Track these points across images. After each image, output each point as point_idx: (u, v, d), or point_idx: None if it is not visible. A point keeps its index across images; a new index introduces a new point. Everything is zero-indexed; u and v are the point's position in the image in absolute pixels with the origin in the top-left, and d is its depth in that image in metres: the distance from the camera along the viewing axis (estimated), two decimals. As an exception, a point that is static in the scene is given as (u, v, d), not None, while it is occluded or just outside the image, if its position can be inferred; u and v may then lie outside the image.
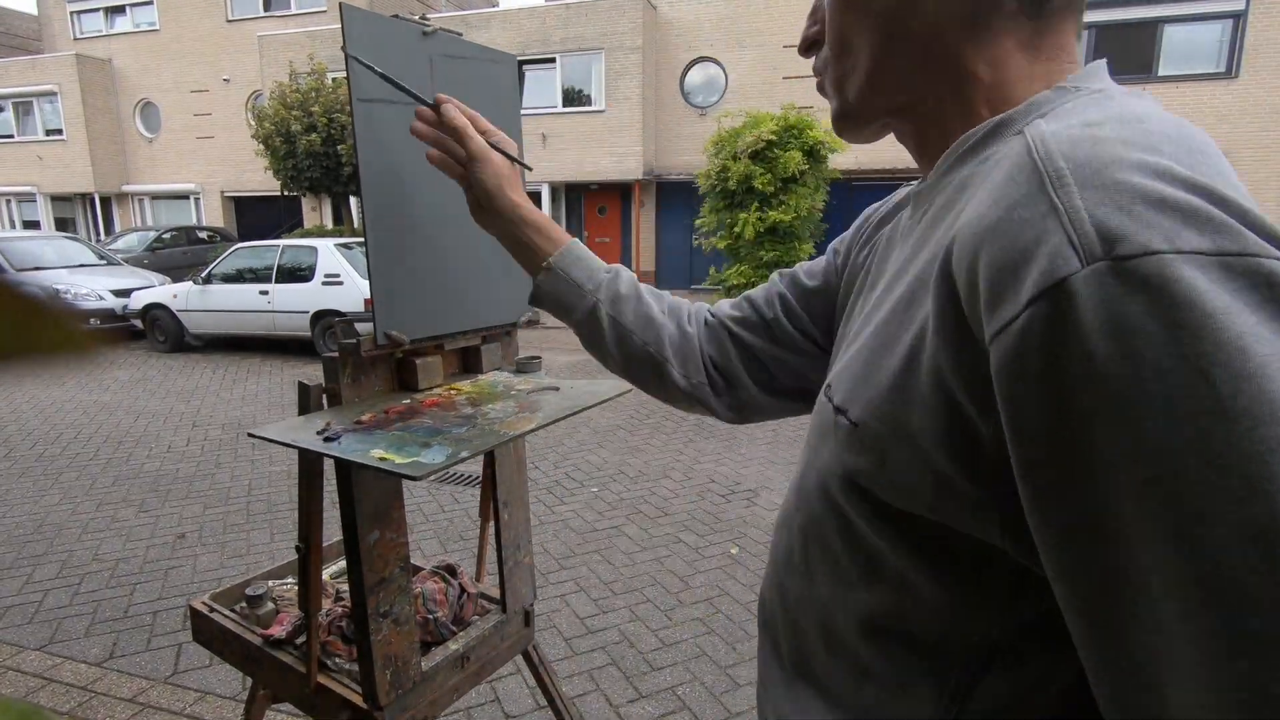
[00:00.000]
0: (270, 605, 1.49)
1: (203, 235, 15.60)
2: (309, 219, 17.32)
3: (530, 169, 0.92)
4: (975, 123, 0.47)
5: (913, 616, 0.46)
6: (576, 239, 0.83)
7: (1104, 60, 0.49)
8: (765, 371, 0.78)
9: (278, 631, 1.39)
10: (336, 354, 1.16)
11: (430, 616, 1.40)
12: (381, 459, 0.92)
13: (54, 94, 18.42)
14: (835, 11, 0.51)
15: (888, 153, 13.34)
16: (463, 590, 1.49)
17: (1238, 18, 11.16)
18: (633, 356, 0.79)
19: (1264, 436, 0.28)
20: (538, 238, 0.81)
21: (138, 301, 8.83)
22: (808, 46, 0.56)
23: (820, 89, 0.56)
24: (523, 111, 1.42)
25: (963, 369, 0.38)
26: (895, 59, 0.49)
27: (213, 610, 1.51)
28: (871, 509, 0.46)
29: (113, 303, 8.89)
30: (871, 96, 0.52)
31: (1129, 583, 0.32)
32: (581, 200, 15.51)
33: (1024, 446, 0.34)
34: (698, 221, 10.89)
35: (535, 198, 14.37)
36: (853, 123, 0.55)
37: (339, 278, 7.71)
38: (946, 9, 0.46)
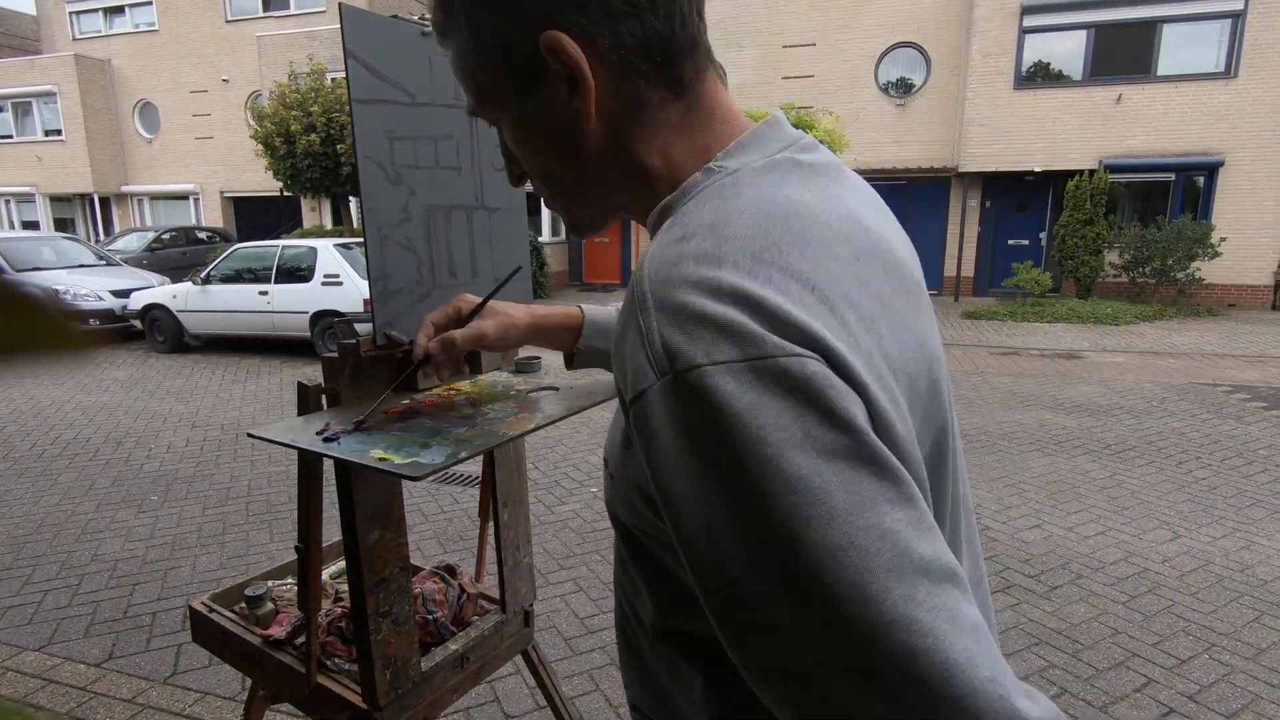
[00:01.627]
0: (270, 606, 1.49)
1: (202, 236, 15.59)
2: (308, 219, 17.31)
3: (485, 300, 0.96)
4: None
5: (692, 618, 0.53)
6: (580, 307, 0.94)
7: (776, 114, 0.55)
8: None
9: (277, 632, 1.39)
10: (336, 354, 1.16)
11: (430, 617, 1.40)
12: (381, 459, 0.92)
13: (53, 94, 18.39)
14: (526, 158, 0.57)
15: (888, 152, 13.36)
16: (462, 591, 1.49)
17: (1236, 17, 11.16)
18: None
19: (783, 504, 0.37)
20: (556, 338, 0.94)
21: (137, 302, 8.82)
22: (518, 180, 0.62)
23: (547, 205, 0.61)
24: (522, 111, 1.42)
25: (632, 437, 0.46)
26: (594, 180, 0.55)
27: (212, 611, 1.51)
28: (642, 537, 0.54)
29: (112, 303, 8.88)
30: (596, 211, 0.58)
31: (739, 615, 0.41)
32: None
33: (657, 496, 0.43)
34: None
35: (535, 197, 14.40)
36: (590, 231, 0.61)
37: (338, 278, 7.70)
38: (609, 124, 0.51)
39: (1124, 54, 11.77)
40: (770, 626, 0.39)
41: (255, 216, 18.50)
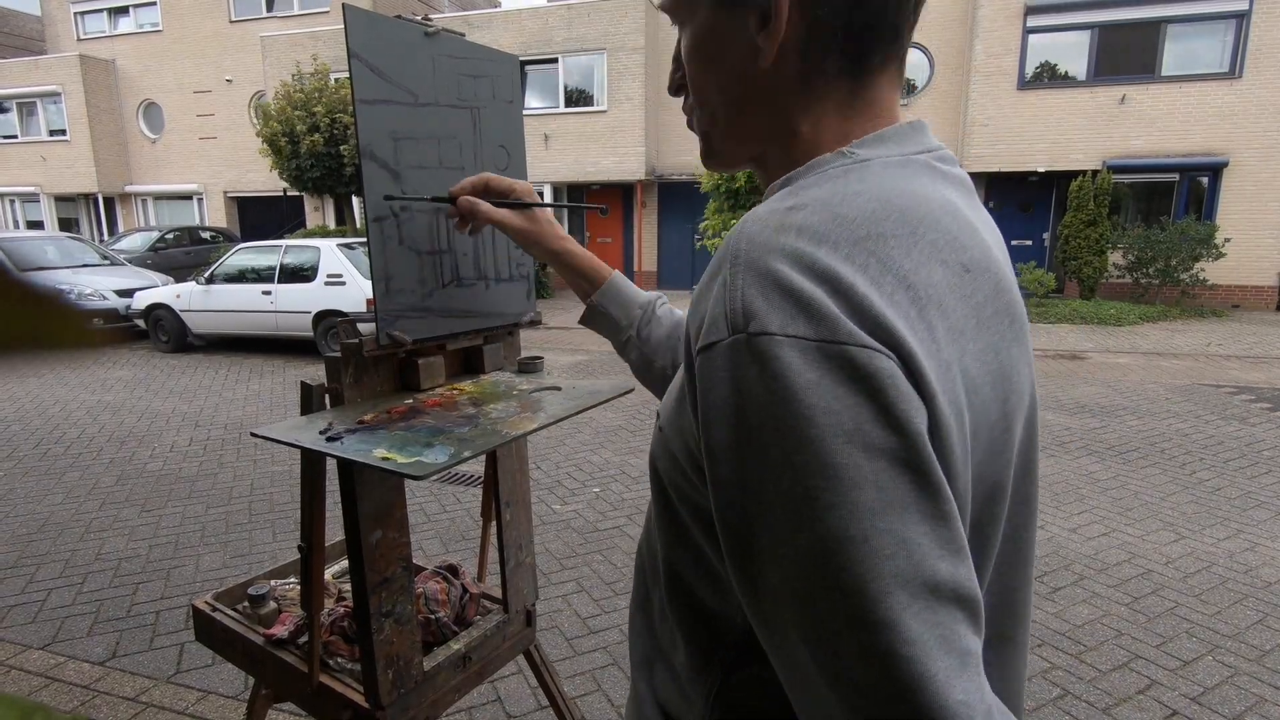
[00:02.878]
0: (273, 605, 1.49)
1: (205, 235, 15.62)
2: (311, 219, 17.34)
3: (544, 205, 0.98)
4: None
5: (700, 586, 0.55)
6: (617, 273, 0.96)
7: (919, 121, 0.54)
8: None
9: (280, 631, 1.39)
10: (339, 354, 1.16)
11: (432, 617, 1.40)
12: (384, 459, 0.92)
13: (58, 94, 18.45)
14: (691, 69, 0.57)
15: (890, 153, 13.33)
16: (465, 590, 1.49)
17: (1241, 18, 11.13)
18: (653, 375, 0.93)
19: (810, 485, 0.38)
20: (580, 280, 0.96)
21: (141, 301, 8.84)
22: (676, 89, 0.61)
23: (689, 126, 0.61)
24: (525, 112, 1.42)
25: (690, 386, 0.46)
26: (744, 117, 0.55)
27: (215, 610, 1.51)
28: (674, 493, 0.55)
29: (116, 302, 8.90)
30: (732, 147, 0.58)
31: (743, 561, 0.43)
32: (583, 200, 15.51)
33: (703, 443, 0.44)
34: (703, 225, 10.87)
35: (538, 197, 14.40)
36: (717, 164, 0.61)
37: (341, 278, 7.71)
38: (781, 73, 0.51)
39: (1128, 54, 11.74)
40: (771, 588, 0.41)
41: (259, 216, 18.53)
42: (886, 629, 0.37)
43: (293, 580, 1.63)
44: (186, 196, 19.23)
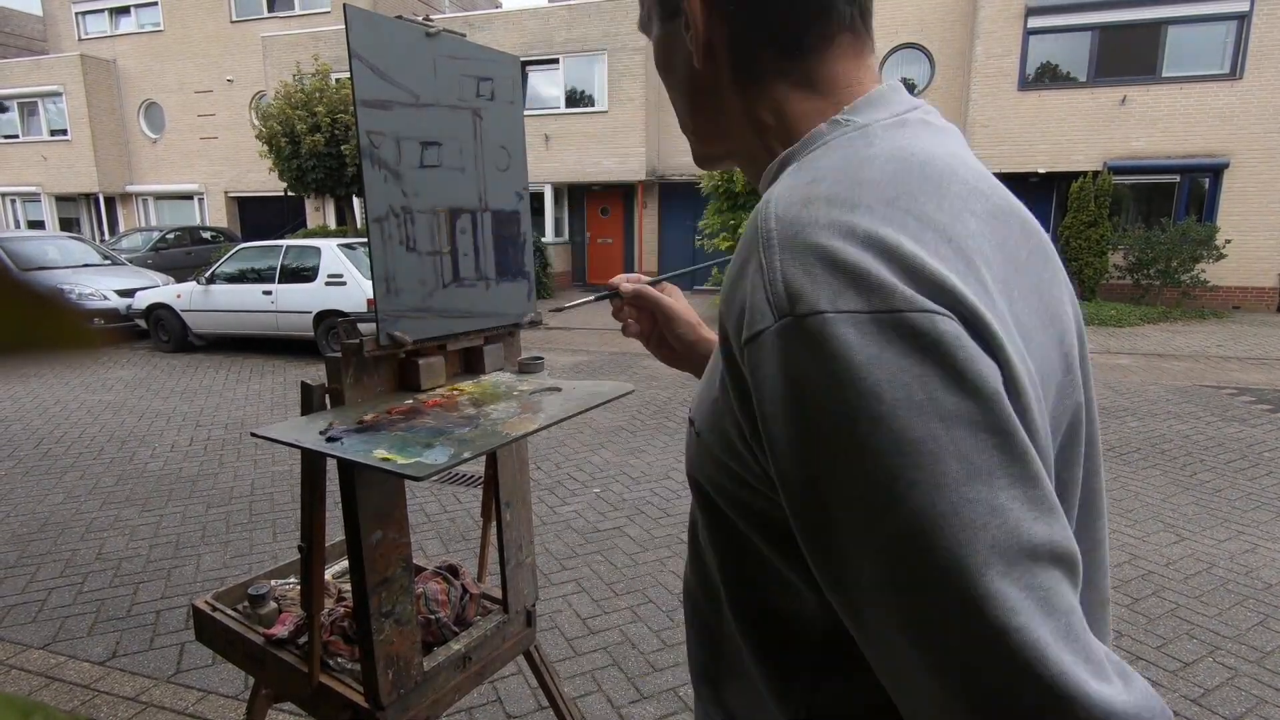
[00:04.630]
0: (273, 605, 1.49)
1: (206, 235, 15.63)
2: (312, 219, 17.34)
3: (663, 282, 0.93)
4: (773, 159, 0.54)
5: (770, 594, 0.51)
6: None
7: (895, 83, 0.54)
8: None
9: (280, 631, 1.39)
10: (339, 354, 1.16)
11: (433, 617, 1.40)
12: (384, 459, 0.92)
13: (59, 94, 18.46)
14: (662, 81, 0.61)
15: (891, 154, 13.34)
16: (465, 591, 1.49)
17: (1242, 19, 11.12)
18: None
19: (888, 465, 0.36)
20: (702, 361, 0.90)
21: (141, 301, 8.84)
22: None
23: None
24: (526, 112, 1.42)
25: (733, 383, 0.45)
26: (701, 117, 0.58)
27: (215, 610, 1.51)
28: (723, 501, 0.52)
29: (117, 302, 8.91)
30: (702, 147, 0.61)
31: (827, 559, 0.41)
32: (584, 201, 15.52)
33: (766, 440, 0.42)
34: (702, 224, 10.86)
35: (538, 198, 14.40)
36: (701, 163, 0.64)
37: (342, 278, 7.72)
38: (718, 70, 0.54)
39: (1129, 55, 11.74)
40: (862, 582, 0.38)
41: (259, 216, 18.54)
42: (991, 602, 0.35)
43: (293, 580, 1.63)
44: (187, 196, 19.24)
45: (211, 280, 8.44)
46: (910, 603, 0.37)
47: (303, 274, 7.97)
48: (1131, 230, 11.61)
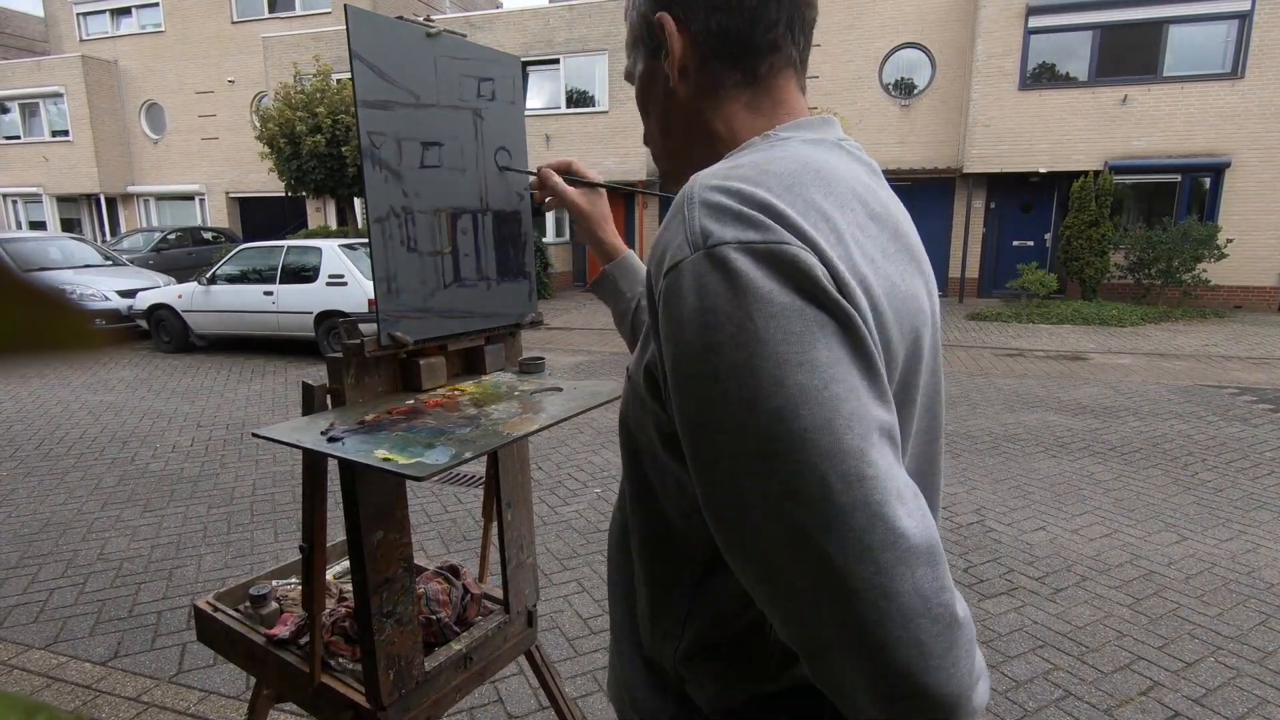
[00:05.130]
0: (274, 605, 1.49)
1: (207, 236, 15.64)
2: (313, 220, 17.35)
3: (610, 186, 1.15)
4: None
5: (667, 508, 0.63)
6: (632, 252, 1.12)
7: (829, 116, 0.68)
8: None
9: (281, 631, 1.39)
10: (340, 354, 1.16)
11: (434, 617, 1.40)
12: (385, 459, 0.92)
13: (60, 95, 18.48)
14: (642, 112, 0.74)
15: (892, 153, 13.33)
16: (466, 591, 1.49)
17: (1243, 18, 11.11)
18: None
19: (775, 351, 0.47)
20: (602, 257, 1.11)
21: (143, 302, 8.85)
22: (647, 139, 0.77)
23: (655, 159, 0.76)
24: (526, 112, 1.43)
25: (653, 324, 0.56)
26: (674, 134, 0.71)
27: (217, 610, 1.51)
28: (641, 436, 0.63)
29: (118, 303, 8.91)
30: (673, 164, 0.73)
31: (706, 463, 0.51)
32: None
33: (668, 360, 0.53)
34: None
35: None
36: (667, 178, 0.75)
37: (343, 278, 7.72)
38: (691, 88, 0.67)
39: (1130, 55, 11.73)
40: (736, 458, 0.48)
41: (260, 217, 18.56)
42: (855, 457, 0.45)
43: (294, 580, 1.63)
44: (189, 197, 19.26)
45: (213, 281, 8.44)
46: (781, 466, 0.46)
47: (304, 274, 7.97)
48: (1133, 230, 11.60)
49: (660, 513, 0.64)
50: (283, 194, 15.05)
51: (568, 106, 14.57)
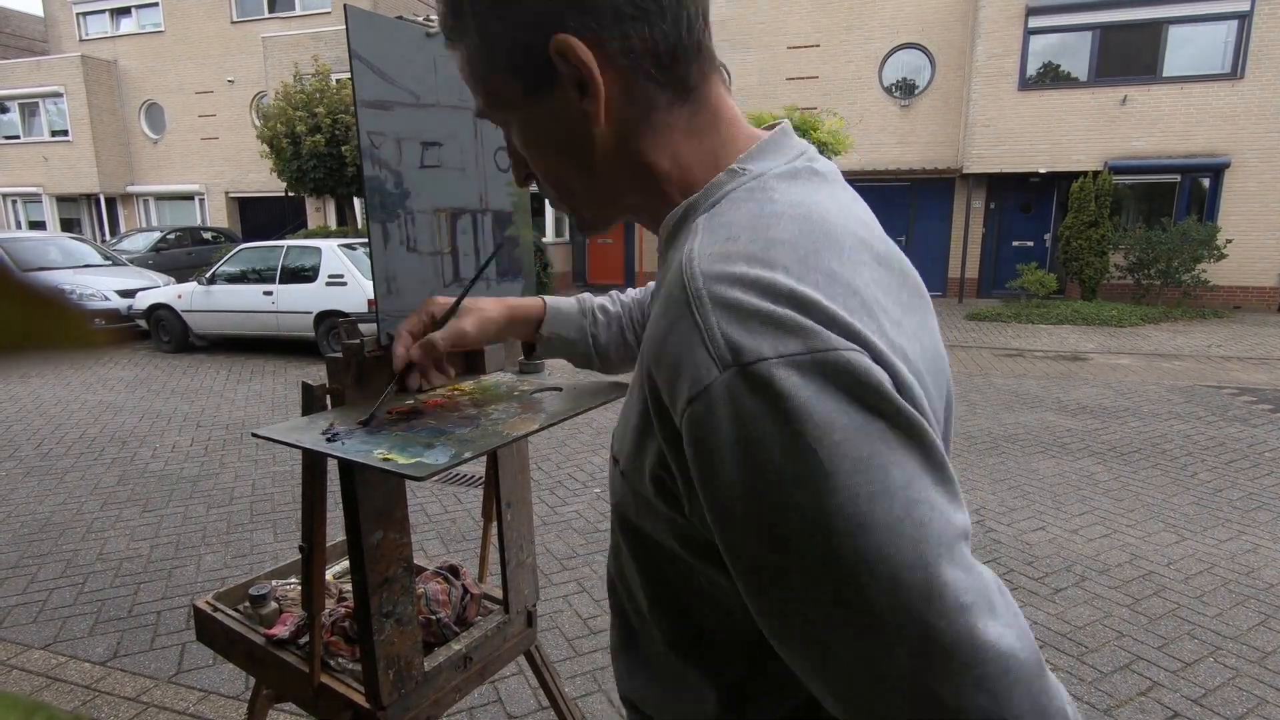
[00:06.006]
0: (274, 605, 1.49)
1: (207, 236, 15.64)
2: (313, 220, 17.35)
3: (457, 300, 0.95)
4: (672, 208, 0.55)
5: (705, 616, 0.56)
6: (547, 298, 0.96)
7: (784, 124, 0.57)
8: None
9: (281, 631, 1.39)
10: (340, 354, 1.16)
11: (433, 617, 1.40)
12: (385, 460, 0.92)
13: (60, 95, 18.47)
14: (533, 158, 0.58)
15: (892, 153, 13.34)
16: (466, 591, 1.49)
17: (1243, 18, 11.12)
18: (618, 367, 1.00)
19: (848, 485, 0.40)
20: (524, 328, 0.95)
21: (142, 302, 8.85)
22: (524, 179, 0.63)
23: (554, 207, 0.62)
24: (526, 112, 1.42)
25: (666, 439, 0.48)
26: (600, 179, 0.56)
27: (216, 610, 1.51)
28: (651, 530, 0.55)
29: (118, 303, 8.91)
30: (600, 211, 0.60)
31: (774, 612, 0.44)
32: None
33: (705, 494, 0.45)
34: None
35: (539, 198, 14.36)
36: (596, 230, 0.64)
37: (343, 278, 7.72)
38: (619, 125, 0.53)
39: (1130, 55, 11.73)
40: (816, 604, 0.42)
41: (260, 217, 18.55)
42: (950, 586, 0.40)
43: (294, 580, 1.63)
44: (188, 197, 19.25)
45: (212, 281, 8.44)
46: (892, 604, 0.40)
47: (303, 274, 7.97)
48: (1132, 230, 11.60)
49: (686, 612, 0.57)
50: (282, 194, 15.05)
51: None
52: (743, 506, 0.42)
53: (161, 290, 8.94)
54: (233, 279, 8.37)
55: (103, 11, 19.16)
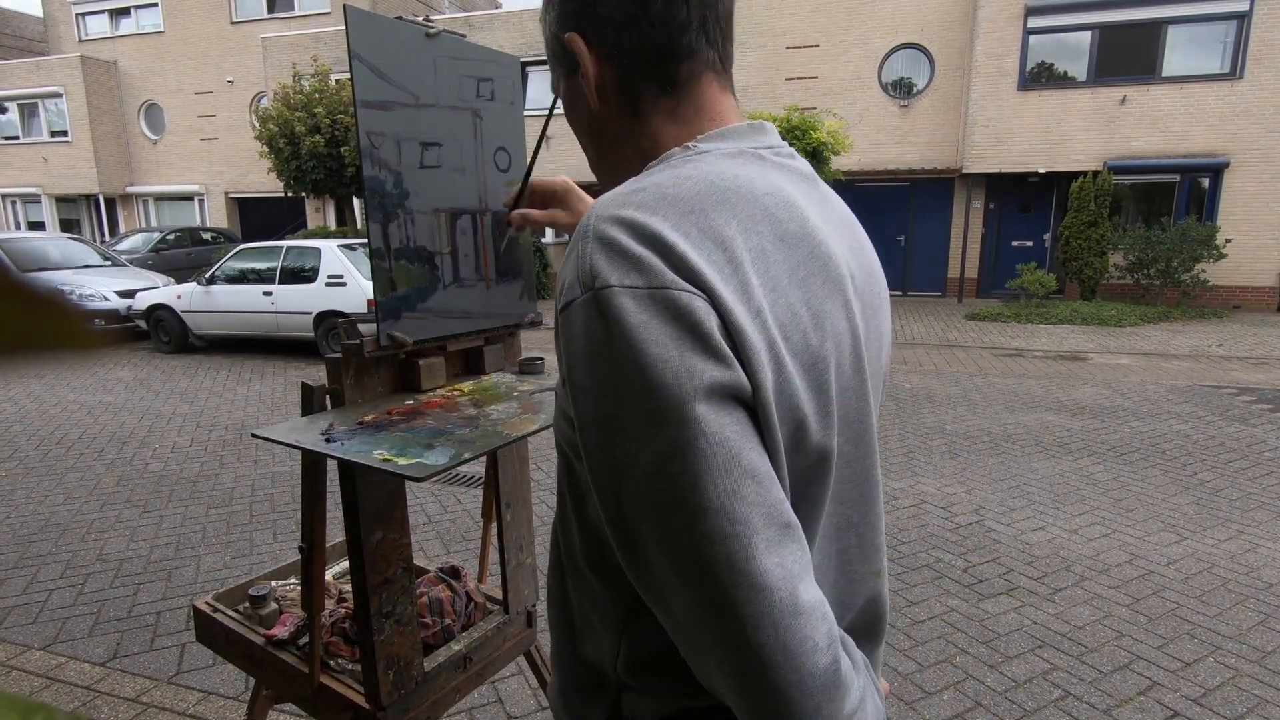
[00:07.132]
0: (273, 606, 1.49)
1: (206, 236, 15.63)
2: (312, 220, 17.35)
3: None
4: None
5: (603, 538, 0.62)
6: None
7: (762, 123, 0.65)
8: None
9: (280, 632, 1.39)
10: (340, 355, 1.16)
11: (439, 627, 1.40)
12: (384, 460, 0.92)
13: (59, 95, 18.47)
14: (572, 127, 0.71)
15: (891, 153, 13.34)
16: (470, 600, 1.49)
17: (1242, 18, 11.12)
18: None
19: (648, 406, 0.48)
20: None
21: (142, 302, 8.84)
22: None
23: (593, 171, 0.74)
24: (525, 112, 1.43)
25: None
26: (603, 152, 0.69)
27: (216, 611, 1.51)
28: (571, 451, 0.62)
29: (117, 303, 8.91)
30: (606, 179, 0.71)
31: (604, 481, 0.53)
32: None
33: (570, 397, 0.53)
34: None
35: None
36: None
37: (342, 279, 7.72)
38: (612, 108, 0.65)
39: (1129, 55, 11.74)
40: (631, 502, 0.50)
41: (260, 217, 18.55)
42: (717, 513, 0.47)
43: (293, 581, 1.63)
44: (188, 197, 19.25)
45: (212, 281, 8.44)
46: (662, 514, 0.49)
47: (303, 275, 7.97)
48: (1132, 230, 11.60)
49: (596, 526, 0.63)
50: (282, 194, 15.05)
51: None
52: (585, 405, 0.51)
53: (161, 291, 8.93)
54: (232, 279, 8.37)
55: (102, 12, 19.16)
